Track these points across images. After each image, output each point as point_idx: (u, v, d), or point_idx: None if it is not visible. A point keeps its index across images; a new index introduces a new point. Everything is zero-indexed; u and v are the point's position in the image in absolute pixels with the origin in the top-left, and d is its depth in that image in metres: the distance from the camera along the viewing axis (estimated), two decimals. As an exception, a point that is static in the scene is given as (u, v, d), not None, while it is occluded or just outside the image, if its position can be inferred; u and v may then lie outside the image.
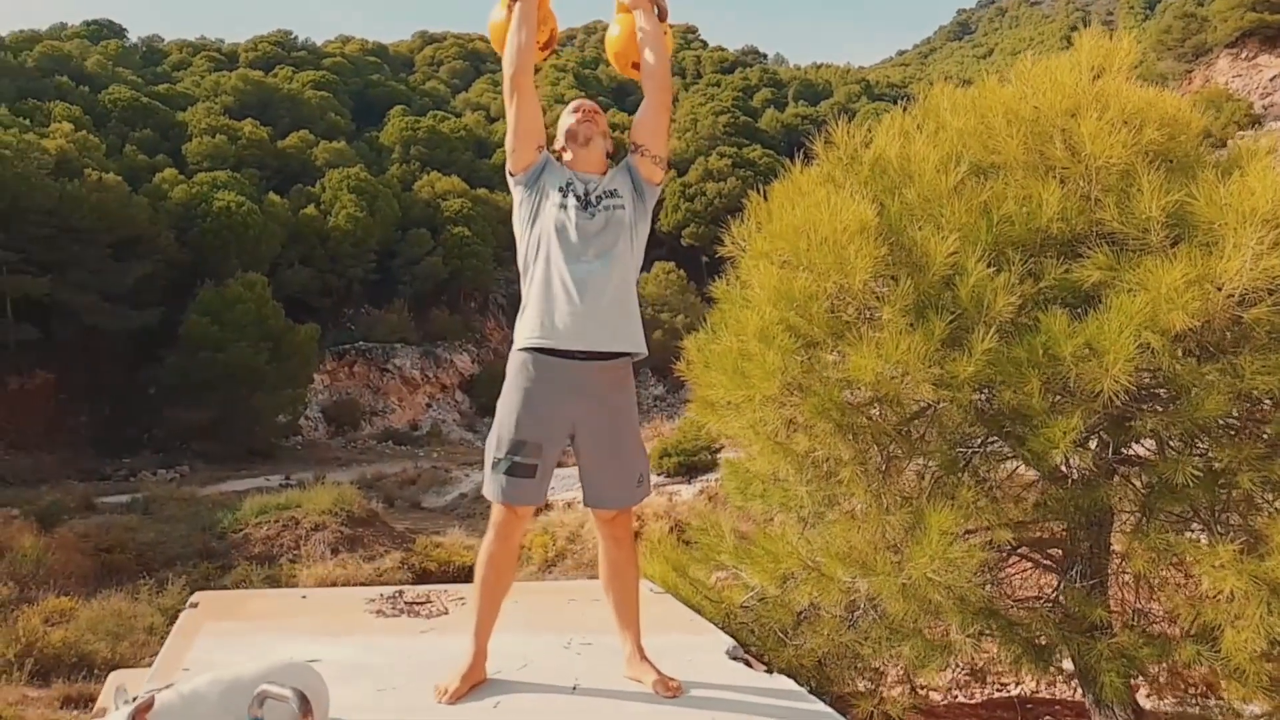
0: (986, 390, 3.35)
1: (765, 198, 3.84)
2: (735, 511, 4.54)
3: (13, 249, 33.74)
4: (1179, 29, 50.76)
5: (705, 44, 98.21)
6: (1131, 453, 3.76)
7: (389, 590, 3.79)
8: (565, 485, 26.21)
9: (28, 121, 40.47)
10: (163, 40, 74.94)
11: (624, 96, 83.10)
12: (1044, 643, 3.57)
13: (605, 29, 3.49)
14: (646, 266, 47.86)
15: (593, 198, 2.95)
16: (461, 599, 3.76)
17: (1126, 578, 3.81)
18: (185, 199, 40.94)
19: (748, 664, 3.16)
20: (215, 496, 25.16)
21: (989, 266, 3.18)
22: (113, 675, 3.45)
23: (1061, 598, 3.66)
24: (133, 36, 72.55)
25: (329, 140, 53.50)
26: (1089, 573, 3.66)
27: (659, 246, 53.60)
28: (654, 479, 21.26)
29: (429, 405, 45.83)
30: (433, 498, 27.96)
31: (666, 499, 18.78)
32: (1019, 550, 4.00)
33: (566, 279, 2.87)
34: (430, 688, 2.83)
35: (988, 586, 3.77)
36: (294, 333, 37.60)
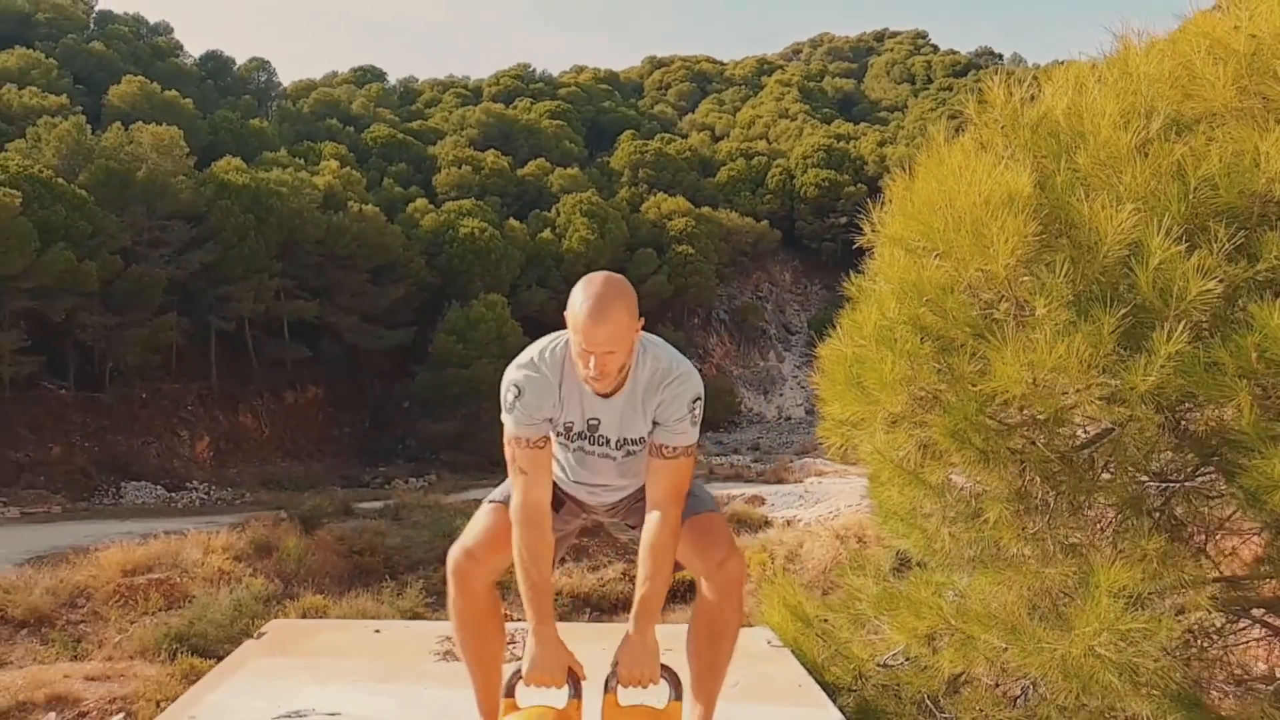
0: (1183, 407, 2.55)
1: (910, 174, 3.18)
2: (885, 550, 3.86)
3: (289, 276, 37.49)
4: None
5: (935, 48, 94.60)
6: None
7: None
8: (786, 502, 25.48)
9: (302, 161, 44.87)
10: (417, 80, 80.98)
11: (849, 106, 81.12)
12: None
13: (830, 40, 2.67)
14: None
15: (604, 438, 2.46)
16: (549, 640, 3.35)
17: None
18: (434, 227, 43.90)
19: (855, 748, 2.56)
20: (457, 504, 26.40)
21: (1182, 243, 2.40)
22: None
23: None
24: (391, 79, 79.08)
25: (563, 167, 55.74)
26: (1343, 653, 2.73)
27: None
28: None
29: (656, 420, 46.71)
30: (656, 510, 28.02)
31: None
32: (1250, 611, 3.09)
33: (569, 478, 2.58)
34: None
35: (1192, 663, 2.92)
36: (531, 350, 39.29)
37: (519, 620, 3.11)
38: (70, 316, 30.53)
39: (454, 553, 2.44)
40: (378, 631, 3.71)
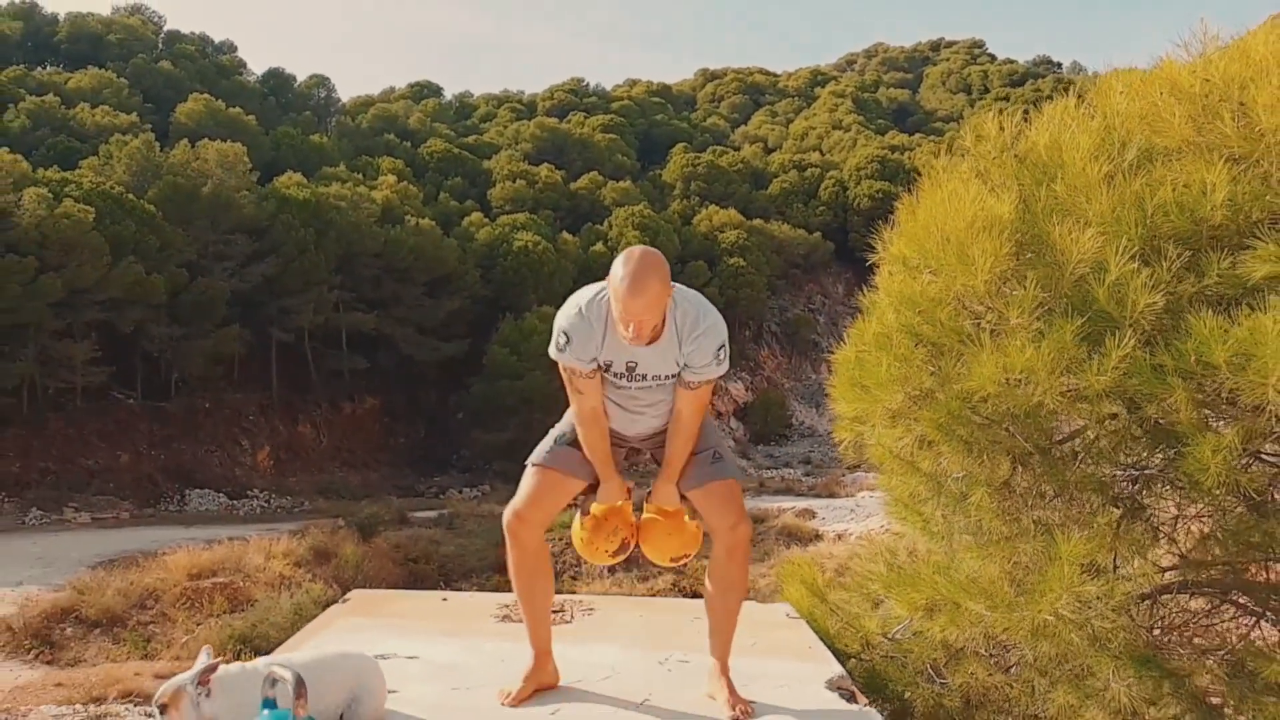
0: (1145, 404, 2.90)
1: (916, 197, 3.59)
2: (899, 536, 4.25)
3: (347, 289, 38.47)
4: None
5: (992, 58, 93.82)
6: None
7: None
8: (837, 516, 25.54)
9: (361, 176, 45.99)
10: (472, 95, 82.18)
11: (904, 117, 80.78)
12: (1216, 700, 3.03)
13: (884, 50, 3.08)
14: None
15: (641, 375, 2.86)
16: (591, 609, 3.83)
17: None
18: (489, 240, 44.62)
19: (852, 697, 2.96)
20: (510, 514, 26.83)
21: (1138, 262, 2.77)
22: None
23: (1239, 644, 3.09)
24: (448, 94, 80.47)
25: (616, 180, 56.34)
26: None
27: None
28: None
29: (706, 432, 46.75)
30: (706, 522, 28.32)
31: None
32: (1230, 596, 3.41)
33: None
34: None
35: (1156, 631, 3.26)
36: (583, 362, 39.73)
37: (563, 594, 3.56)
38: (139, 328, 31.70)
39: (507, 515, 2.92)
40: (445, 600, 4.27)
